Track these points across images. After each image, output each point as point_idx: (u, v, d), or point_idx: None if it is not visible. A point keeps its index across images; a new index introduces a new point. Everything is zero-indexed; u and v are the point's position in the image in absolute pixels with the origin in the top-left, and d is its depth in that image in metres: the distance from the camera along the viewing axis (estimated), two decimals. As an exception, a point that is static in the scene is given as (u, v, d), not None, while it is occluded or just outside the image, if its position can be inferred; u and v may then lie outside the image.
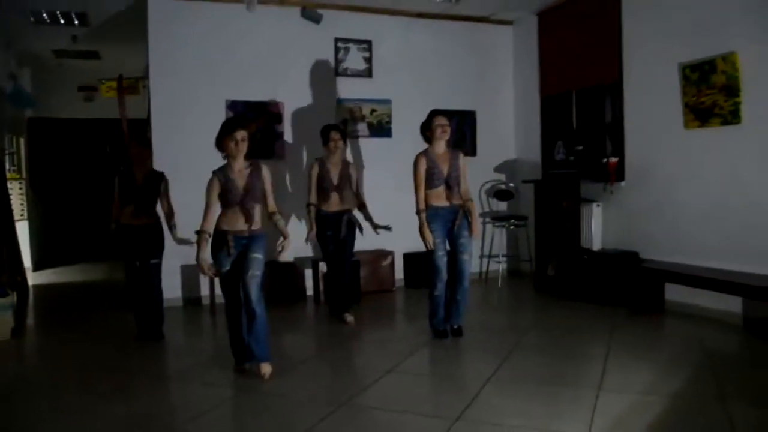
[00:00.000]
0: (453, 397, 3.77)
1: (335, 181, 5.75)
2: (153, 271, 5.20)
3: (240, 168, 4.20)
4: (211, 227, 4.13)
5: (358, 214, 5.92)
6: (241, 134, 4.13)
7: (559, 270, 6.70)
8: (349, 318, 5.71)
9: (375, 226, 5.88)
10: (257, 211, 4.22)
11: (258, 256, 4.18)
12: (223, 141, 4.17)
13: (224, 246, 4.14)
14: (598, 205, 6.58)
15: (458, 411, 3.52)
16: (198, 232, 4.14)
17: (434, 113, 5.15)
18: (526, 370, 4.25)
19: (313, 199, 5.77)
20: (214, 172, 4.20)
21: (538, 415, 3.46)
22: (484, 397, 3.76)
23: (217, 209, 4.17)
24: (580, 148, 7.00)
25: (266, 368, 4.15)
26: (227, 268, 4.18)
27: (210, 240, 4.14)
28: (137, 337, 5.25)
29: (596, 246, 6.55)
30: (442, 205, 4.99)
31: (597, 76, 6.74)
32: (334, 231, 5.75)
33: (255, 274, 4.14)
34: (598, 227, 6.57)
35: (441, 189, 4.96)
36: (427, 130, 5.12)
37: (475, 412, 3.52)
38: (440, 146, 5.07)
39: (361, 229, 5.90)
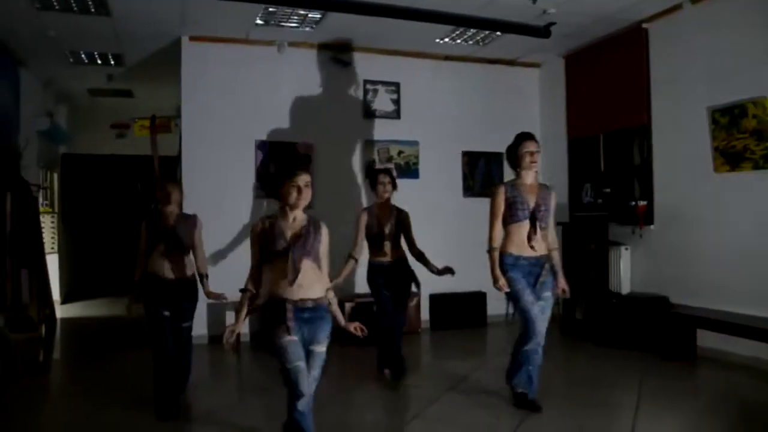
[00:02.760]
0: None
1: (387, 229, 5.24)
2: (185, 335, 4.53)
3: (296, 218, 3.36)
4: (257, 286, 3.37)
5: (416, 266, 5.39)
6: (304, 180, 3.31)
7: (587, 314, 6.61)
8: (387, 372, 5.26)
9: (438, 272, 5.24)
10: (313, 272, 3.32)
11: (323, 351, 3.34)
12: (281, 187, 3.33)
13: (281, 318, 3.22)
14: (626, 249, 6.51)
15: (486, 460, 3.46)
16: (243, 290, 3.39)
17: (523, 137, 4.38)
18: (553, 419, 4.15)
19: (357, 252, 5.23)
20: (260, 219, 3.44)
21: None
22: (512, 446, 3.70)
23: (261, 263, 3.38)
24: (608, 190, 6.95)
25: None
26: (292, 339, 3.22)
27: (247, 299, 3.37)
28: (159, 416, 4.27)
29: (625, 290, 6.46)
30: (526, 254, 4.21)
31: (625, 119, 6.72)
32: (386, 279, 5.22)
33: (315, 375, 3.32)
34: (626, 271, 6.49)
35: (525, 226, 4.19)
36: (513, 156, 4.40)
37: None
38: (529, 176, 4.33)
39: (418, 285, 5.39)
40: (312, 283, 3.28)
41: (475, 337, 7.05)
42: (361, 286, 6.28)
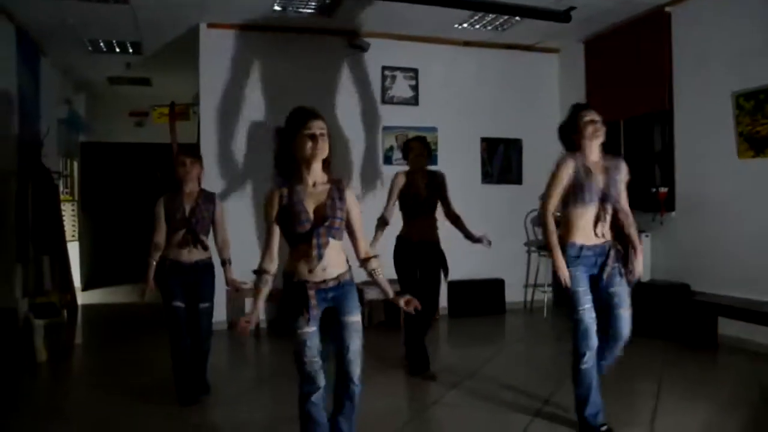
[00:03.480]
0: (500, 432, 3.70)
1: (423, 195, 4.91)
2: (204, 317, 4.37)
3: (316, 181, 2.97)
4: (273, 266, 2.99)
5: (449, 238, 5.11)
6: (319, 126, 2.90)
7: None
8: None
9: (475, 239, 4.92)
10: (337, 249, 2.97)
11: (357, 320, 3.02)
12: (294, 139, 2.91)
13: (302, 304, 2.91)
14: (646, 236, 6.44)
15: (506, 446, 3.45)
16: (257, 272, 3.00)
17: (580, 107, 3.71)
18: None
19: (389, 214, 4.90)
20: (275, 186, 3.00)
21: (588, 453, 3.37)
22: (532, 433, 3.68)
23: (277, 240, 2.98)
24: (628, 177, 6.86)
25: None
26: (311, 330, 2.95)
27: (268, 282, 2.98)
28: (181, 401, 4.26)
29: (645, 277, 6.39)
30: (590, 243, 3.57)
31: (646, 105, 6.64)
32: (414, 261, 4.92)
33: (357, 348, 3.02)
34: (647, 258, 6.42)
35: (592, 211, 3.54)
36: (571, 130, 3.66)
37: (523, 448, 3.45)
38: (594, 150, 3.60)
39: (446, 272, 5.07)
40: (334, 262, 2.94)
41: (493, 325, 7.03)
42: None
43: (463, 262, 7.37)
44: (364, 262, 3.08)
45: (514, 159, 7.81)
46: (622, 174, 3.67)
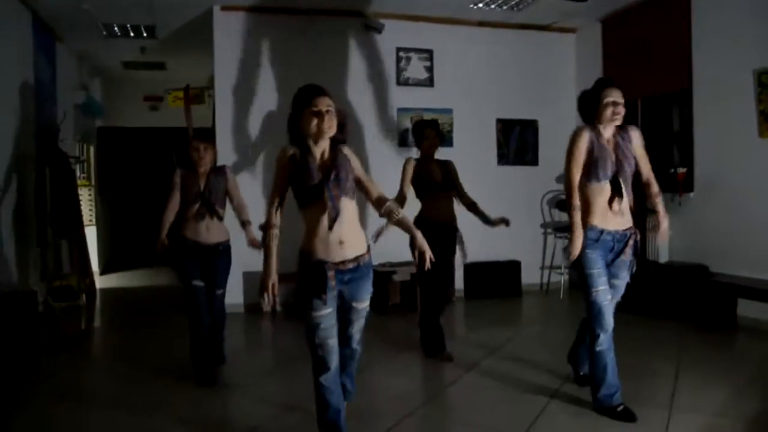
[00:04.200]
0: (519, 412, 3.70)
1: (436, 179, 4.88)
2: (218, 303, 4.51)
3: (323, 151, 2.97)
4: (278, 220, 2.97)
5: (465, 220, 5.07)
6: (326, 103, 2.89)
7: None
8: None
9: (493, 223, 4.91)
10: (353, 220, 2.97)
11: (366, 306, 3.07)
12: (300, 117, 2.92)
13: (319, 285, 2.86)
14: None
15: (524, 427, 3.46)
16: (263, 228, 2.97)
17: (605, 83, 3.58)
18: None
19: (401, 198, 4.73)
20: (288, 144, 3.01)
21: (607, 433, 3.37)
22: (549, 414, 3.68)
23: (284, 195, 3.00)
24: (643, 142, 6.80)
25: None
26: (326, 312, 2.91)
27: (277, 236, 2.94)
28: (198, 381, 4.35)
29: (663, 258, 6.35)
30: (610, 228, 3.53)
31: (664, 84, 6.55)
32: (431, 243, 4.90)
33: (361, 327, 3.13)
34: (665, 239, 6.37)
35: (606, 190, 3.50)
36: (592, 105, 3.56)
37: (542, 429, 3.46)
38: (608, 131, 3.57)
39: (464, 253, 5.07)
40: (354, 239, 2.93)
41: (509, 307, 7.02)
42: (382, 253, 6.30)
43: (479, 244, 7.36)
44: (379, 205, 3.07)
45: (529, 140, 7.75)
46: (635, 142, 3.61)
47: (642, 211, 6.38)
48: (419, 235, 3.03)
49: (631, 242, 3.60)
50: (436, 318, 4.95)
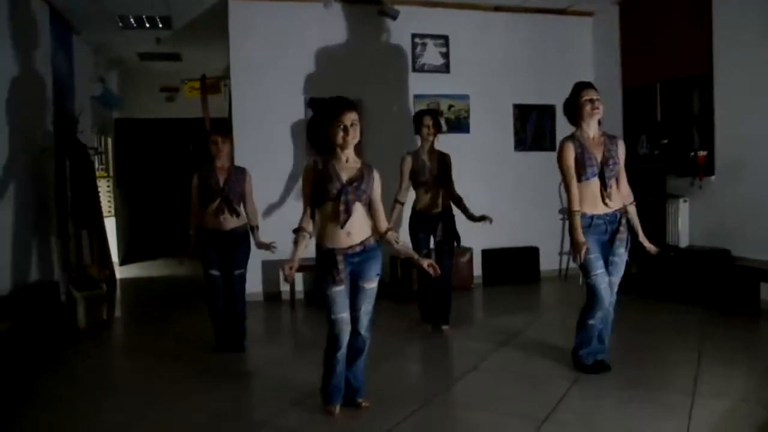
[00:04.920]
0: (538, 398, 3.69)
1: (430, 174, 5.15)
2: (238, 282, 4.78)
3: (348, 158, 3.35)
4: (310, 226, 3.40)
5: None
6: (351, 118, 3.26)
7: (643, 268, 6.47)
8: (446, 328, 5.29)
9: (476, 219, 5.19)
10: (362, 216, 3.37)
11: (373, 287, 3.41)
12: (328, 128, 3.30)
13: (330, 267, 3.31)
14: (685, 201, 6.32)
15: (545, 412, 3.45)
16: (296, 230, 3.43)
17: (581, 86, 4.02)
18: (612, 372, 4.07)
19: (402, 196, 5.26)
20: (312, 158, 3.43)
21: (629, 418, 3.35)
22: (570, 399, 3.67)
23: (314, 205, 3.40)
24: (665, 141, 6.74)
25: (367, 402, 3.60)
26: (338, 289, 3.32)
27: (306, 237, 3.40)
28: (215, 347, 4.83)
29: (683, 243, 6.29)
30: (600, 212, 3.90)
31: (684, 67, 6.47)
32: (428, 232, 5.19)
33: (367, 309, 3.43)
34: (684, 224, 6.32)
35: (594, 185, 3.88)
36: (573, 108, 4.02)
37: (562, 414, 3.45)
38: (592, 128, 3.94)
39: (458, 240, 5.29)
40: (360, 229, 3.35)
41: (527, 293, 7.00)
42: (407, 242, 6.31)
43: (497, 230, 7.31)
44: (383, 234, 3.44)
45: (547, 125, 7.68)
46: (620, 151, 3.98)
47: (662, 198, 6.34)
48: (416, 257, 3.55)
49: (623, 221, 3.96)
50: (435, 292, 5.23)
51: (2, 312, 4.34)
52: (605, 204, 3.89)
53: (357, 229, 3.33)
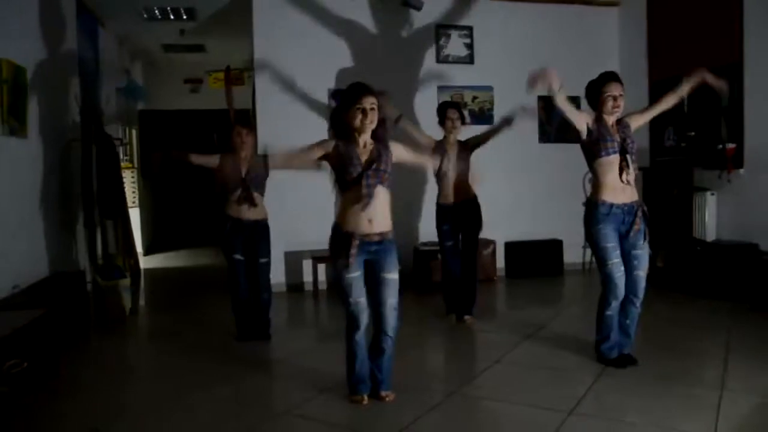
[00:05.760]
0: (564, 390, 3.67)
1: (453, 167, 5.13)
2: (263, 271, 4.87)
3: (366, 142, 3.42)
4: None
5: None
6: (370, 102, 3.33)
7: (669, 262, 6.40)
8: (468, 318, 5.31)
9: (502, 122, 5.41)
10: (384, 203, 3.40)
11: (395, 278, 3.44)
12: (347, 112, 3.37)
13: (343, 250, 3.36)
14: (712, 194, 6.23)
15: (571, 405, 3.42)
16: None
17: (607, 78, 4.02)
18: (639, 366, 4.02)
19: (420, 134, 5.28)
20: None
21: (656, 412, 3.32)
22: (597, 392, 3.65)
23: (303, 154, 3.49)
24: (693, 133, 6.64)
25: (391, 395, 3.58)
26: (355, 275, 3.39)
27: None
28: (238, 337, 4.89)
29: (710, 237, 6.20)
30: (619, 202, 3.91)
31: (713, 58, 6.33)
32: (452, 224, 5.22)
33: (393, 303, 3.44)
34: (712, 217, 6.22)
35: (615, 162, 3.87)
36: (594, 97, 4.05)
37: (588, 407, 3.42)
38: (610, 120, 4.01)
39: (480, 224, 5.28)
40: (382, 218, 3.39)
41: (551, 286, 6.95)
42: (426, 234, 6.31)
43: (519, 223, 7.31)
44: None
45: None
46: (632, 126, 4.03)
47: (688, 191, 6.25)
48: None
49: (639, 213, 3.94)
50: (456, 281, 5.28)
51: (33, 299, 4.40)
52: (622, 180, 3.89)
53: (379, 218, 3.37)
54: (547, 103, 7.53)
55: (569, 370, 4.07)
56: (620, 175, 3.89)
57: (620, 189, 3.92)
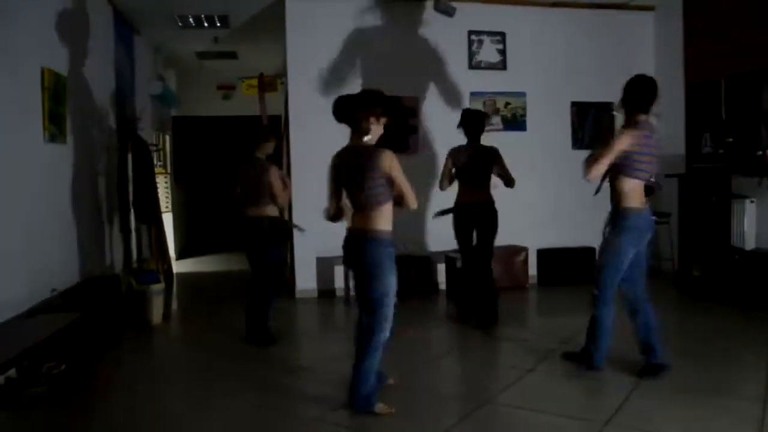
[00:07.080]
0: (600, 401, 3.63)
1: (471, 166, 5.32)
2: (272, 263, 5.05)
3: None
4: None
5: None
6: (378, 111, 3.63)
7: (705, 271, 6.27)
8: (491, 327, 5.34)
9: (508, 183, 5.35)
10: (369, 199, 3.53)
11: (380, 271, 3.47)
12: (364, 112, 3.61)
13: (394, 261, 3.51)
14: (751, 201, 6.09)
15: (607, 415, 3.37)
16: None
17: (657, 88, 4.00)
18: (676, 376, 3.95)
19: (443, 186, 5.44)
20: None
21: (696, 425, 3.24)
22: (633, 403, 3.58)
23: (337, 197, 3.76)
24: (731, 140, 6.51)
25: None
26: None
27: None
28: (246, 339, 5.04)
29: (749, 245, 6.06)
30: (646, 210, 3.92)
31: (751, 61, 6.23)
32: (467, 224, 5.36)
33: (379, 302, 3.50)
34: (751, 225, 6.08)
35: (641, 185, 3.89)
36: (646, 99, 3.93)
37: (625, 418, 3.36)
38: (646, 128, 3.86)
39: (495, 224, 5.37)
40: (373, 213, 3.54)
41: (584, 294, 6.82)
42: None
43: (552, 230, 7.24)
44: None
45: (605, 123, 7.51)
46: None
47: (726, 198, 6.12)
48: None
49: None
50: (470, 288, 5.40)
51: (70, 302, 4.48)
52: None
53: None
54: (580, 110, 7.46)
55: (605, 380, 4.01)
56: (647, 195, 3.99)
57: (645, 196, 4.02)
